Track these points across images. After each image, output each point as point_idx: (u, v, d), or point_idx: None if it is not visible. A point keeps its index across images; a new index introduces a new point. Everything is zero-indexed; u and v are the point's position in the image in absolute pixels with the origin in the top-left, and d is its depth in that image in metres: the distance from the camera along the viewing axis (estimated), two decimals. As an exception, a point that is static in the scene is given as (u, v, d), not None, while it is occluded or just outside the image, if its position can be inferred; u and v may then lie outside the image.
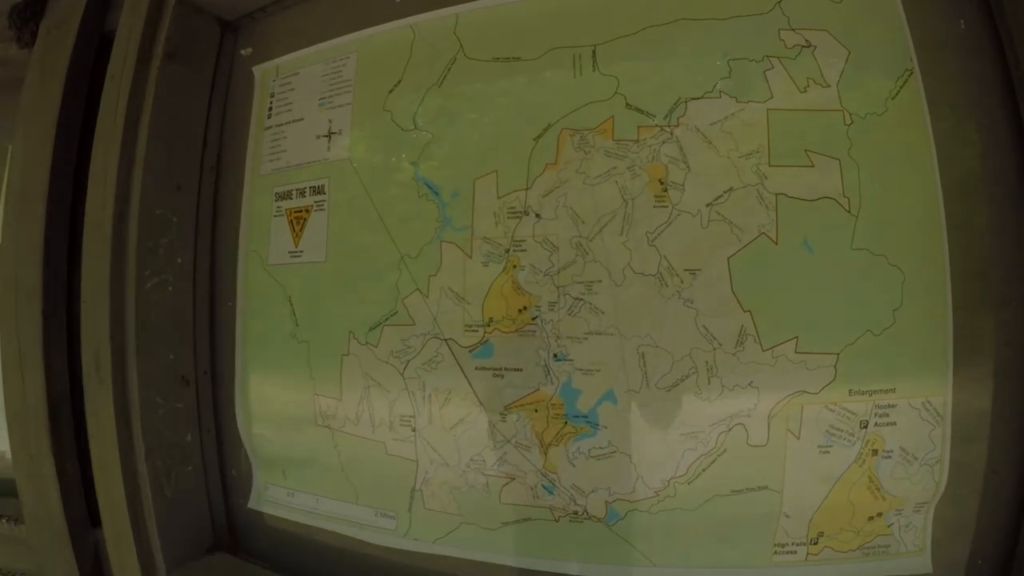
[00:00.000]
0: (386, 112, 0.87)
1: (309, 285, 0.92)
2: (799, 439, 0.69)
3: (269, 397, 0.97)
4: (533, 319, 0.76)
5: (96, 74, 1.01)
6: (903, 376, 0.68)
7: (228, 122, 1.03)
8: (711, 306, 0.71)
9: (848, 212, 0.69)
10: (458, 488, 0.81)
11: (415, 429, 0.83)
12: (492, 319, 0.79)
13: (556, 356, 0.76)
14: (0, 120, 1.18)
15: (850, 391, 0.68)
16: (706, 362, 0.71)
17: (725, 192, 0.71)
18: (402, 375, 0.84)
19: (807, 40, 0.71)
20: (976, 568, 0.69)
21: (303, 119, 0.94)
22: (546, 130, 0.77)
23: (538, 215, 0.77)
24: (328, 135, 0.91)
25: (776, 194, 0.70)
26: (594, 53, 0.76)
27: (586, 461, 0.75)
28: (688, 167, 0.72)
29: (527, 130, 0.78)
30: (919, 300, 0.68)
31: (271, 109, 0.98)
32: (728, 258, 0.70)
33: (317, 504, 0.92)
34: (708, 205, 0.71)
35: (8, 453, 1.05)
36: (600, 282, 0.74)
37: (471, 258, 0.80)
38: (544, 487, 0.77)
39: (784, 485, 0.70)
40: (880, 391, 0.68)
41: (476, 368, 0.80)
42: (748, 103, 0.71)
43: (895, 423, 0.68)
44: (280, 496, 0.96)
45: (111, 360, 0.90)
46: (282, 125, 0.97)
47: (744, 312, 0.70)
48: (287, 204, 0.95)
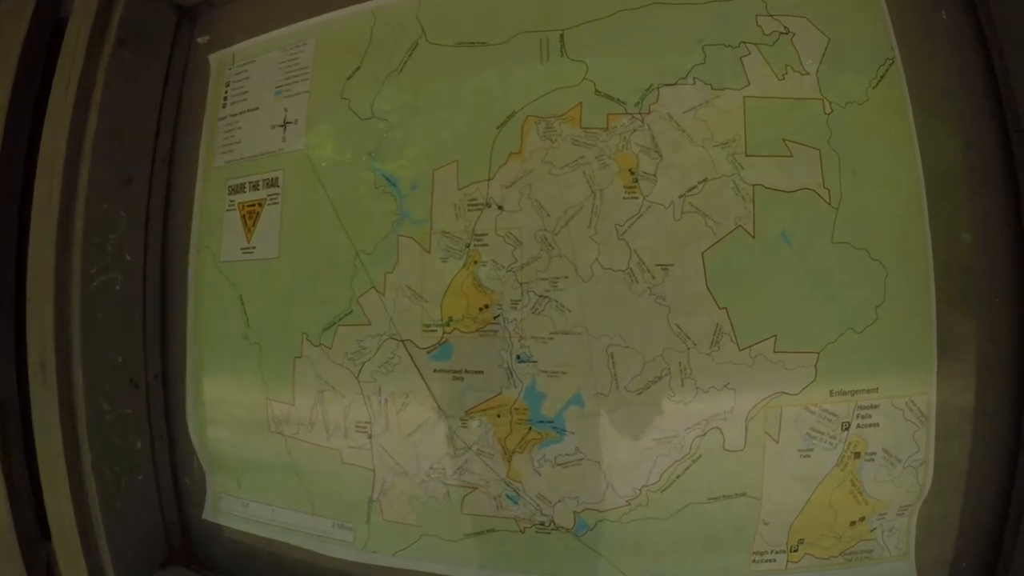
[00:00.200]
0: (343, 100, 0.84)
1: (261, 283, 0.89)
2: (778, 443, 0.68)
3: (221, 402, 0.94)
4: (495, 318, 0.74)
5: (50, 61, 0.96)
6: (886, 375, 0.67)
7: (183, 112, 1.00)
8: (684, 303, 0.69)
9: (828, 204, 0.67)
10: (418, 498, 0.79)
11: (371, 436, 0.80)
12: (452, 318, 0.76)
13: (519, 357, 0.73)
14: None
15: (831, 392, 0.67)
16: (679, 363, 0.69)
17: (699, 183, 0.69)
18: (357, 378, 0.81)
19: (785, 27, 0.69)
20: (960, 570, 0.69)
21: (258, 108, 0.91)
22: (510, 117, 0.74)
23: (500, 207, 0.74)
24: (283, 125, 0.88)
25: (753, 185, 0.68)
26: (562, 37, 0.74)
27: (552, 469, 0.73)
28: (660, 156, 0.70)
29: (490, 118, 0.75)
30: (902, 295, 0.67)
31: (226, 98, 0.95)
32: (702, 252, 0.68)
33: (273, 515, 0.89)
34: (681, 196, 0.69)
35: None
36: (566, 278, 0.71)
37: (429, 253, 0.77)
38: (508, 496, 0.75)
39: (763, 491, 0.69)
40: (862, 391, 0.67)
41: (435, 371, 0.77)
42: (724, 90, 0.69)
43: (878, 424, 0.68)
44: (235, 506, 0.93)
45: (55, 362, 0.86)
46: (236, 115, 0.93)
47: (719, 309, 0.68)
48: (240, 198, 0.91)
